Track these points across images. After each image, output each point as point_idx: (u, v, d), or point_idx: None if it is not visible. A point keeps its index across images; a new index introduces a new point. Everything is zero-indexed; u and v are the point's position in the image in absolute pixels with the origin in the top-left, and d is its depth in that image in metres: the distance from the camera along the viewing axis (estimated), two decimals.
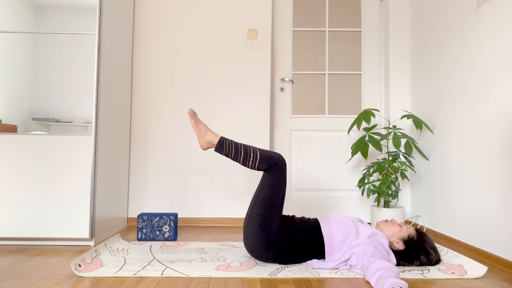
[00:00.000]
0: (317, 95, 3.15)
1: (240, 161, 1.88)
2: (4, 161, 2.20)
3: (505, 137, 1.90)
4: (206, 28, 3.00)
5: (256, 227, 1.80)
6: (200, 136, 1.95)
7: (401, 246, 1.80)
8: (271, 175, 1.84)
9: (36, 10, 2.26)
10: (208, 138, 1.94)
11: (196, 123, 1.95)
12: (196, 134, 1.96)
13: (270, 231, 1.79)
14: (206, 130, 1.95)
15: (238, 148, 1.89)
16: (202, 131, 1.95)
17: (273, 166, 1.85)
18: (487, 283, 1.61)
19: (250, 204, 1.94)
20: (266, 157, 1.86)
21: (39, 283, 1.55)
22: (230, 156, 1.90)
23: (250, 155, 1.87)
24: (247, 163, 1.87)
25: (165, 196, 2.92)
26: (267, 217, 1.80)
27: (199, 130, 1.95)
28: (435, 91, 2.60)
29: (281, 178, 1.85)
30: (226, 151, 1.90)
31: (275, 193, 1.83)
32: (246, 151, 1.88)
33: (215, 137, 1.93)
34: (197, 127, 1.95)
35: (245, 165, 1.89)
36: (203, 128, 1.96)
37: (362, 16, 3.17)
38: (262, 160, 1.85)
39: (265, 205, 1.82)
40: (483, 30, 2.10)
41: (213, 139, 1.93)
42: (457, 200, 2.30)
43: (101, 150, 2.30)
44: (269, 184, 1.84)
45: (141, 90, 2.97)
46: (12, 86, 2.24)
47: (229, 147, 1.90)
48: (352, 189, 3.07)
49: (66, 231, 2.18)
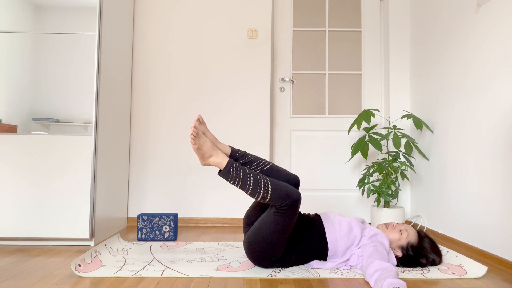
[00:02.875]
0: (317, 95, 3.15)
1: (248, 193, 1.66)
2: (4, 161, 2.20)
3: (506, 137, 1.90)
4: (207, 27, 3.00)
5: (259, 251, 1.70)
6: (203, 159, 1.67)
7: (399, 254, 1.79)
8: (283, 212, 1.63)
9: (36, 10, 2.26)
10: (212, 161, 1.66)
11: (200, 143, 1.64)
12: (198, 156, 1.65)
13: (273, 256, 1.71)
14: (211, 152, 1.66)
15: (247, 178, 1.63)
16: (206, 154, 1.66)
17: (287, 205, 1.62)
18: (487, 283, 1.61)
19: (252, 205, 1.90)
20: (281, 195, 1.62)
21: (39, 283, 1.55)
22: (235, 185, 1.65)
23: (260, 189, 1.62)
24: (256, 197, 1.63)
25: (165, 196, 2.92)
26: (272, 247, 1.68)
27: (202, 154, 1.65)
28: (435, 91, 2.60)
29: (293, 214, 1.65)
30: (232, 179, 1.65)
31: (286, 227, 1.65)
32: (256, 184, 1.62)
33: (221, 159, 1.65)
34: (198, 150, 1.64)
35: (254, 196, 1.63)
36: (209, 149, 1.66)
37: (362, 16, 3.17)
38: (274, 197, 1.62)
39: (271, 237, 1.65)
40: (482, 30, 2.10)
41: (219, 162, 1.65)
42: (457, 200, 2.30)
43: (101, 150, 2.30)
44: (280, 220, 1.64)
45: (141, 90, 2.97)
46: (12, 86, 2.24)
47: (236, 175, 1.64)
48: (352, 189, 3.07)
49: (66, 231, 2.18)
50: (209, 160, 1.66)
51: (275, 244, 1.67)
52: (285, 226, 1.65)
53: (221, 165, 1.66)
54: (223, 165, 1.65)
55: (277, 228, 1.65)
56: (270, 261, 1.73)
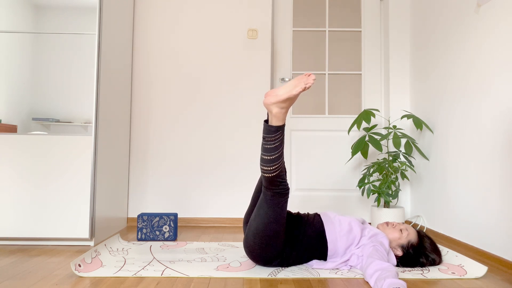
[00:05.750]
0: (317, 95, 3.15)
1: (270, 156, 1.61)
2: (4, 161, 2.20)
3: (506, 137, 1.90)
4: (206, 27, 3.00)
5: (258, 244, 1.71)
6: (280, 103, 1.57)
7: (399, 253, 1.79)
8: (274, 200, 1.66)
9: (36, 10, 2.26)
10: (281, 112, 1.59)
11: (291, 103, 1.60)
12: (280, 100, 1.55)
13: (272, 249, 1.72)
14: (286, 111, 1.60)
15: (282, 147, 1.63)
16: (285, 108, 1.58)
17: (284, 190, 1.66)
18: (487, 283, 1.61)
19: (250, 205, 1.91)
20: (283, 179, 1.67)
21: (39, 283, 1.55)
22: (272, 143, 1.60)
23: (280, 161, 1.62)
24: (272, 165, 1.61)
25: (165, 196, 2.92)
26: (269, 238, 1.70)
27: (285, 106, 1.58)
28: (435, 91, 2.60)
29: (284, 202, 1.68)
30: (276, 136, 1.60)
31: (277, 219, 1.67)
32: (281, 156, 1.63)
33: (284, 119, 1.61)
34: (287, 101, 1.57)
35: (267, 163, 1.61)
36: (288, 107, 1.60)
37: (362, 16, 3.17)
38: (280, 175, 1.64)
39: (267, 227, 1.68)
40: (483, 30, 2.10)
41: (283, 119, 1.61)
42: (457, 200, 2.30)
43: (101, 150, 2.30)
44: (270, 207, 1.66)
45: (141, 89, 2.97)
46: (12, 86, 2.24)
47: (280, 137, 1.61)
48: (352, 189, 3.07)
49: (66, 231, 2.18)
50: (282, 109, 1.59)
51: (272, 234, 1.68)
52: (278, 213, 1.66)
53: (281, 121, 1.60)
54: (282, 123, 1.61)
55: (272, 216, 1.66)
56: (270, 254, 1.72)
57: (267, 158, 1.61)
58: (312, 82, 1.55)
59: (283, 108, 1.58)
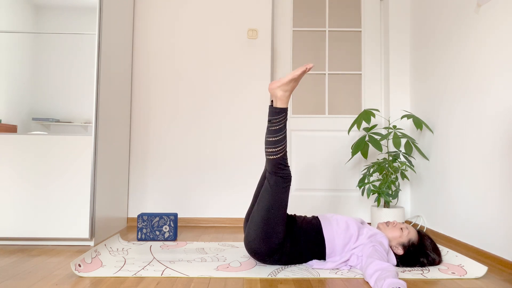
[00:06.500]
0: (317, 95, 3.15)
1: (274, 138, 1.73)
2: (4, 161, 2.20)
3: (506, 137, 1.90)
4: (206, 27, 3.00)
5: (259, 233, 1.74)
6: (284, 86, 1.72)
7: (400, 251, 1.79)
8: (278, 186, 1.74)
9: (36, 10, 2.26)
10: (285, 95, 1.73)
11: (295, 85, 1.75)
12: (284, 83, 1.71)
13: (273, 238, 1.74)
14: (289, 94, 1.75)
15: (285, 129, 1.75)
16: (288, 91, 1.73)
17: (286, 169, 1.75)
18: (487, 283, 1.61)
19: (252, 203, 1.93)
20: (286, 162, 1.77)
21: (39, 283, 1.55)
22: (275, 125, 1.73)
23: (283, 144, 1.73)
24: (275, 146, 1.72)
25: (165, 196, 2.92)
26: (271, 226, 1.73)
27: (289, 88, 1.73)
28: (435, 91, 2.60)
29: (287, 188, 1.76)
30: (279, 119, 1.72)
31: (279, 203, 1.74)
32: (285, 139, 1.74)
33: (287, 102, 1.75)
34: (289, 83, 1.72)
35: (273, 145, 1.72)
36: (291, 90, 1.74)
37: (362, 16, 3.17)
38: (283, 158, 1.73)
39: (268, 214, 1.73)
40: (483, 30, 2.10)
41: (286, 102, 1.74)
42: (457, 200, 2.30)
43: (101, 150, 2.30)
44: (273, 192, 1.74)
45: (141, 89, 2.97)
46: (12, 86, 2.24)
47: (283, 120, 1.73)
48: (352, 189, 3.07)
49: (66, 231, 2.18)
50: (285, 93, 1.74)
51: (274, 221, 1.72)
52: (281, 198, 1.74)
53: (285, 104, 1.75)
54: (286, 105, 1.75)
55: (274, 201, 1.73)
56: (270, 246, 1.73)
57: (272, 140, 1.73)
58: (312, 65, 1.72)
59: (287, 91, 1.74)
